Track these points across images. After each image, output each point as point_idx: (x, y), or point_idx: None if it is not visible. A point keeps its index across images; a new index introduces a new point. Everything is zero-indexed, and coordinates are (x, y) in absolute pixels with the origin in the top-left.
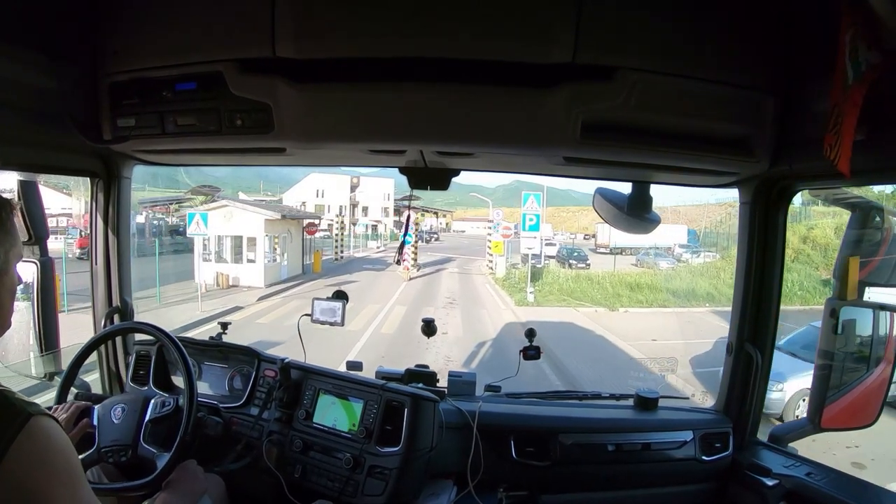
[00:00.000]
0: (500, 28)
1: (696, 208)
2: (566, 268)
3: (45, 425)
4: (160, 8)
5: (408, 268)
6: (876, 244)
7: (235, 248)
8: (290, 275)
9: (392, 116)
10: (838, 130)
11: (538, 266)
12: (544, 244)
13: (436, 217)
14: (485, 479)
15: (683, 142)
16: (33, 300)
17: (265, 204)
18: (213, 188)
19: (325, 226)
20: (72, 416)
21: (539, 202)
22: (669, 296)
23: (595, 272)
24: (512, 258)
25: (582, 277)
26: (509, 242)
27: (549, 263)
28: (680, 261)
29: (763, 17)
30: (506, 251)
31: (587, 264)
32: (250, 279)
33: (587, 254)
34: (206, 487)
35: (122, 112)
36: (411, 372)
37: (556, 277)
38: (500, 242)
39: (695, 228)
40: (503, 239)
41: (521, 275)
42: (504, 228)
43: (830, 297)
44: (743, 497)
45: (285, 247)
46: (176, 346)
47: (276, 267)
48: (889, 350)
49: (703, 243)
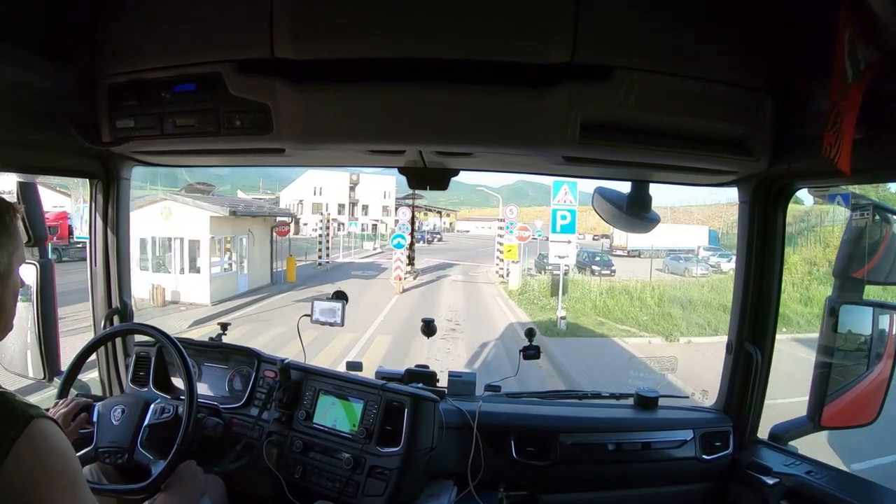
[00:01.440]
0: (498, 28)
1: (708, 208)
2: (588, 275)
3: (45, 428)
4: (159, 9)
5: (400, 277)
6: (875, 243)
7: (191, 252)
8: (252, 286)
9: (391, 117)
10: (838, 129)
11: (556, 273)
12: (518, 239)
13: (439, 216)
14: (485, 479)
15: (682, 141)
16: (33, 302)
17: (213, 199)
18: (208, 185)
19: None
20: (71, 410)
21: (574, 193)
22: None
23: (626, 281)
24: (523, 262)
25: (617, 290)
26: (525, 245)
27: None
28: (711, 265)
29: (761, 16)
30: (521, 256)
31: (612, 271)
32: (194, 294)
33: (610, 258)
34: (206, 488)
35: (120, 113)
36: (411, 372)
37: (586, 290)
38: (514, 246)
39: (713, 229)
40: (519, 242)
41: (540, 286)
42: (520, 229)
43: (830, 296)
44: (743, 496)
45: (245, 251)
46: (177, 349)
47: (231, 278)
48: (889, 348)
49: (723, 245)
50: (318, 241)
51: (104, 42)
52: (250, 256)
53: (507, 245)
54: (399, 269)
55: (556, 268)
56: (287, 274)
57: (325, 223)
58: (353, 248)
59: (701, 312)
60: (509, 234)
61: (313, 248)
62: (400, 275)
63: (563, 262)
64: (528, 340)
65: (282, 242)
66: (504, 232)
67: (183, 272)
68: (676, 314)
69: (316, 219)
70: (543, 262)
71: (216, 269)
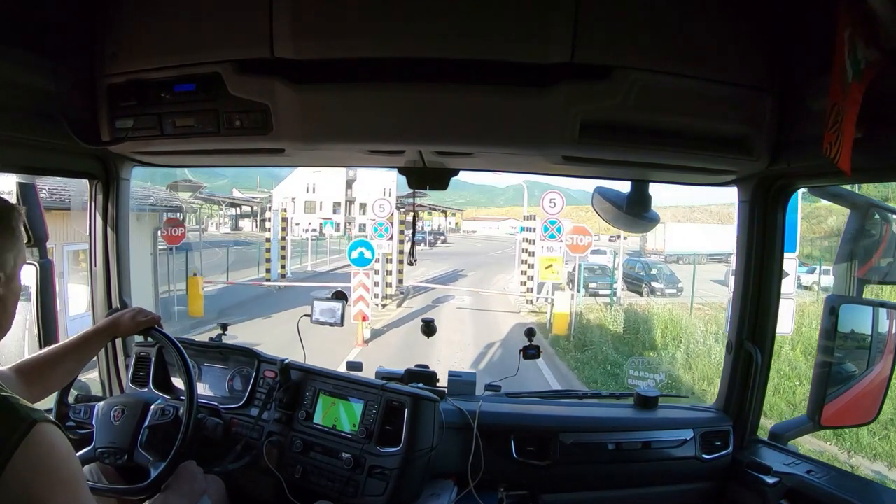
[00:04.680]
0: (498, 28)
1: (727, 207)
2: (647, 296)
3: (48, 432)
4: (158, 9)
5: (365, 316)
6: (875, 242)
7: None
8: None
9: (390, 117)
10: (838, 128)
11: (606, 293)
12: (589, 253)
13: (444, 216)
14: (485, 479)
15: (682, 140)
16: (33, 302)
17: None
18: (196, 183)
19: (306, 223)
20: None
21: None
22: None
23: (705, 306)
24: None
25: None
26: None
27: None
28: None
29: (761, 15)
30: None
31: (679, 289)
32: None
33: (672, 270)
34: (206, 488)
35: (120, 114)
36: (411, 372)
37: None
38: (556, 260)
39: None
40: (573, 255)
41: (599, 316)
42: (575, 233)
43: (830, 295)
44: (743, 495)
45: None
46: (177, 349)
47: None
48: (889, 347)
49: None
50: (268, 249)
51: (103, 42)
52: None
53: (545, 258)
54: (363, 300)
55: (603, 286)
56: (190, 307)
57: (288, 224)
58: (341, 251)
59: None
60: (549, 240)
61: (297, 253)
62: (365, 311)
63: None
64: (528, 340)
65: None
66: (540, 235)
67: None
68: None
69: (310, 218)
70: (583, 279)
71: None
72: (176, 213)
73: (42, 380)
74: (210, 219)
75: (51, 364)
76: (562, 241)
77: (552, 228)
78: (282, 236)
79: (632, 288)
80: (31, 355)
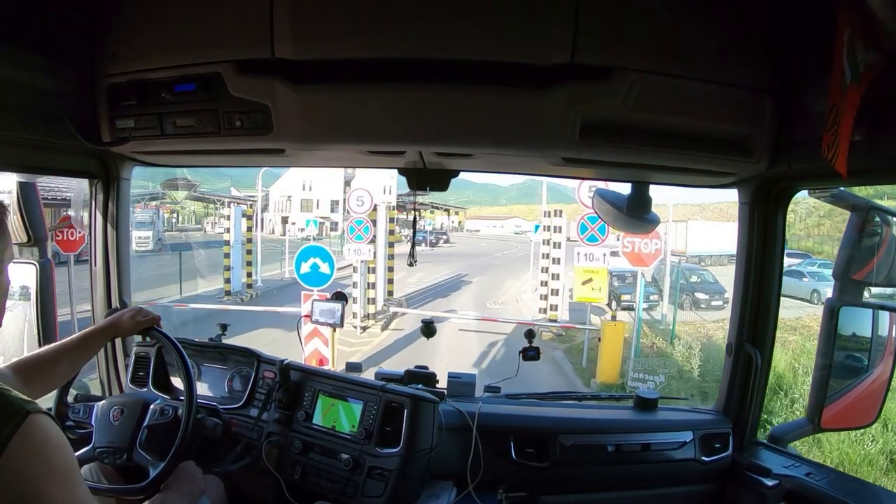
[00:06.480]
0: (498, 28)
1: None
2: (691, 308)
3: (42, 423)
4: (159, 10)
5: (322, 360)
6: (875, 245)
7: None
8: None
9: (391, 117)
10: (836, 130)
11: (633, 304)
12: (608, 255)
13: (447, 215)
14: (485, 480)
15: (682, 142)
16: (33, 302)
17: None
18: (190, 182)
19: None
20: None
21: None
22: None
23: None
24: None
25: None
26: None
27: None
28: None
29: (761, 16)
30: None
31: (725, 300)
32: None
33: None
34: (205, 488)
35: (120, 113)
36: (411, 373)
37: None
38: (597, 272)
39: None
40: (637, 268)
41: (650, 341)
42: (653, 236)
43: (830, 298)
44: (743, 497)
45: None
46: (176, 350)
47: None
48: (888, 349)
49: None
50: (227, 254)
51: (104, 42)
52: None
53: (583, 269)
54: (318, 334)
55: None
56: None
57: (254, 223)
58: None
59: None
60: (588, 243)
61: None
62: (323, 355)
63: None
64: (528, 341)
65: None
66: (572, 237)
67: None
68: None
69: (308, 216)
70: (613, 289)
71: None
72: (65, 209)
73: (40, 378)
74: (206, 218)
75: (50, 363)
76: (605, 245)
77: (592, 228)
78: (247, 238)
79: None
80: (29, 353)
